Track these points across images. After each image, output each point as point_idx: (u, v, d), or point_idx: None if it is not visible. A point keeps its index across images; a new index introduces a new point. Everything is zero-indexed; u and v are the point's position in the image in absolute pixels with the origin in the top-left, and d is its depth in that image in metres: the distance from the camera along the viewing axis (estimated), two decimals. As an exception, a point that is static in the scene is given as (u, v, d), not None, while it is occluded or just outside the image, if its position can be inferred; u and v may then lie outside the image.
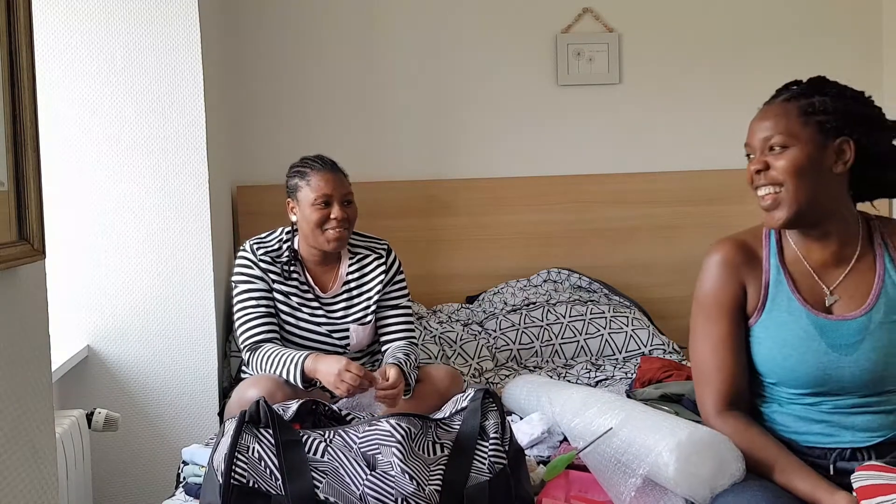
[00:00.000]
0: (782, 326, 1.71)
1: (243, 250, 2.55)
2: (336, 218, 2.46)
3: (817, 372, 1.67)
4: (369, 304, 2.56)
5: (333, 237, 2.48)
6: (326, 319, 2.53)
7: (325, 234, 2.48)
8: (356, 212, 2.54)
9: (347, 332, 2.54)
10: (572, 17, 3.57)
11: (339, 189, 2.48)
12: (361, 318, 2.56)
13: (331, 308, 2.55)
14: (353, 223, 2.53)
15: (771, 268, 1.77)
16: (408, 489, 1.55)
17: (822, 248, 1.74)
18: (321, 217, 2.46)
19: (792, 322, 1.70)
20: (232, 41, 3.43)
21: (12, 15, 1.26)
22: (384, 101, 3.53)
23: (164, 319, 2.76)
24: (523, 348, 3.13)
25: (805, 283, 1.73)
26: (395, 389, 2.29)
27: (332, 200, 2.47)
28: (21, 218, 1.30)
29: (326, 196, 2.46)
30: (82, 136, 2.69)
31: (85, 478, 2.45)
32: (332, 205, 2.47)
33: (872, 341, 1.66)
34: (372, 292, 2.57)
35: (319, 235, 2.48)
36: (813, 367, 1.67)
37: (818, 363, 1.67)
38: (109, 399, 2.72)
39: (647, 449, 1.66)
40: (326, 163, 2.53)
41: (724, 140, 3.65)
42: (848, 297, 1.71)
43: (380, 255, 2.62)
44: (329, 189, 2.46)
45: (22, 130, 1.28)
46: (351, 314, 2.56)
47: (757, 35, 3.63)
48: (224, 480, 1.56)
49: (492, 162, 3.57)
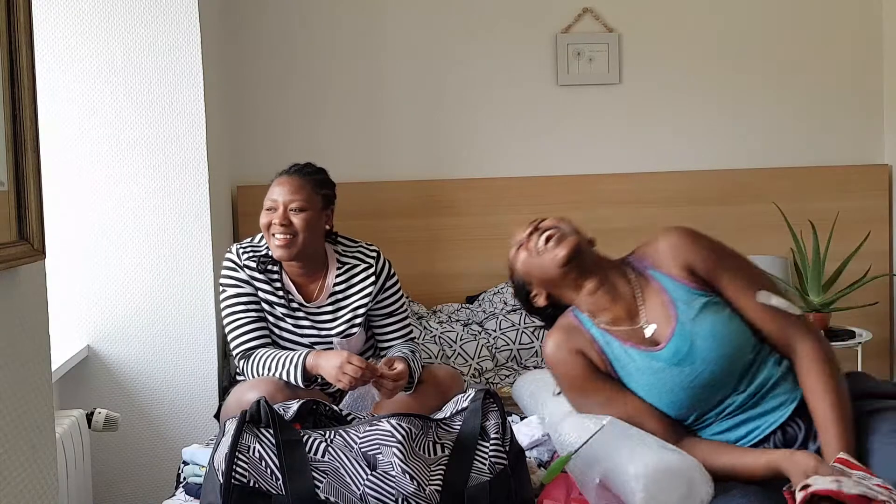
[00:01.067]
0: (637, 375, 1.84)
1: (229, 253, 2.48)
2: (275, 223, 2.36)
3: (689, 391, 1.79)
4: (355, 316, 2.47)
5: (276, 244, 2.38)
6: (314, 330, 2.45)
7: (272, 238, 2.39)
8: (309, 223, 2.38)
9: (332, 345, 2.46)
10: (572, 17, 3.57)
11: (285, 195, 2.37)
12: (346, 331, 2.47)
13: (317, 319, 2.47)
14: (301, 233, 2.37)
15: (595, 336, 1.90)
16: (408, 489, 1.55)
17: (611, 299, 1.89)
18: (266, 221, 2.39)
19: (641, 368, 1.83)
20: (232, 41, 3.42)
21: (12, 15, 1.26)
22: (384, 101, 3.53)
23: (164, 319, 2.75)
24: (523, 348, 3.13)
25: (624, 331, 1.87)
26: (398, 381, 2.27)
27: (277, 206, 2.37)
28: (21, 218, 1.30)
29: (272, 201, 2.38)
30: (82, 136, 2.69)
31: (85, 478, 2.45)
32: (276, 210, 2.38)
33: (699, 337, 1.79)
34: (357, 304, 2.48)
35: (270, 242, 2.41)
36: (682, 390, 1.79)
37: (683, 385, 1.79)
38: (109, 399, 2.72)
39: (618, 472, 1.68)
40: (289, 170, 2.44)
41: (724, 140, 3.66)
42: (658, 319, 1.85)
43: (369, 264, 2.51)
44: (275, 195, 2.39)
45: (22, 130, 1.28)
46: (337, 325, 2.47)
47: (757, 35, 3.63)
48: (225, 480, 1.56)
49: (492, 162, 3.57)
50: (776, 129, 3.65)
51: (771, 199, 3.48)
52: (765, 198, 3.52)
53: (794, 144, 3.66)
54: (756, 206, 3.55)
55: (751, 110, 3.65)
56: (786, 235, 3.28)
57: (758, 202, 3.54)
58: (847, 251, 3.26)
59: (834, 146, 3.67)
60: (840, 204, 3.51)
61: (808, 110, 3.66)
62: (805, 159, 3.65)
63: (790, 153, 3.66)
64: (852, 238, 3.32)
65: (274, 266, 2.45)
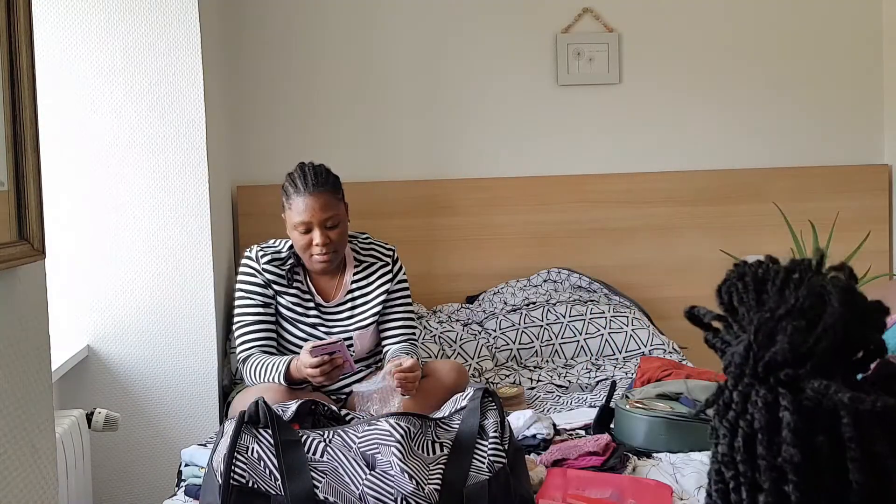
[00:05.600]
0: None
1: (248, 256, 2.53)
2: (318, 244, 2.40)
3: None
4: (372, 314, 2.54)
5: (318, 261, 2.43)
6: (325, 329, 2.51)
7: (311, 258, 2.44)
8: (343, 232, 2.45)
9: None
10: (572, 17, 3.57)
11: (318, 214, 2.39)
12: (361, 328, 2.54)
13: (330, 318, 2.53)
14: (339, 244, 2.45)
15: None
16: (407, 488, 1.55)
17: None
18: (305, 242, 2.42)
19: None
20: (232, 41, 3.43)
21: (12, 15, 1.26)
22: (384, 101, 3.53)
23: (164, 319, 2.75)
24: (523, 348, 3.13)
25: None
26: (414, 373, 2.27)
27: (313, 227, 2.40)
28: (21, 218, 1.30)
29: (306, 224, 2.40)
30: (82, 136, 2.69)
31: (85, 478, 2.45)
32: (312, 230, 2.40)
33: None
34: (375, 301, 2.55)
35: (307, 258, 2.46)
36: None
37: None
38: (109, 399, 2.72)
39: None
40: (309, 183, 2.42)
41: (724, 140, 3.66)
42: None
43: (385, 262, 2.59)
44: (307, 216, 2.39)
45: (22, 130, 1.28)
46: (353, 323, 2.54)
47: (757, 35, 3.63)
48: (223, 481, 1.56)
49: (492, 162, 3.57)
50: (776, 129, 3.65)
51: (771, 199, 3.48)
52: (765, 198, 3.52)
53: (794, 144, 3.66)
54: (756, 206, 3.55)
55: (751, 110, 3.65)
56: (786, 235, 3.28)
57: (758, 202, 3.54)
58: (847, 251, 3.26)
59: (834, 146, 3.67)
60: (840, 204, 3.51)
61: (808, 110, 3.66)
62: (805, 159, 3.65)
63: (790, 153, 3.66)
64: (852, 238, 3.32)
65: (297, 267, 2.51)
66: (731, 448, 0.74)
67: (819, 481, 0.69)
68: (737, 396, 0.74)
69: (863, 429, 0.69)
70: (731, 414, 0.74)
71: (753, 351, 0.73)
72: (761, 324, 0.73)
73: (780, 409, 0.70)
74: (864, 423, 0.69)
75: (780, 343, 0.71)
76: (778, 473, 0.70)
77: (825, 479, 0.69)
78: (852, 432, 0.69)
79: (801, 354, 0.71)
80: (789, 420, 0.70)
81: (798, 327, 0.71)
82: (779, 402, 0.71)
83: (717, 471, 0.76)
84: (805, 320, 0.71)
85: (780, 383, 0.71)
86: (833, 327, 0.70)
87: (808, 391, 0.70)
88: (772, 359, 0.71)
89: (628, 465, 2.00)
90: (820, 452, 0.70)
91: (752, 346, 0.73)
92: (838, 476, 0.69)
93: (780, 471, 0.70)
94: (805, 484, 0.69)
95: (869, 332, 0.73)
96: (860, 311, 0.72)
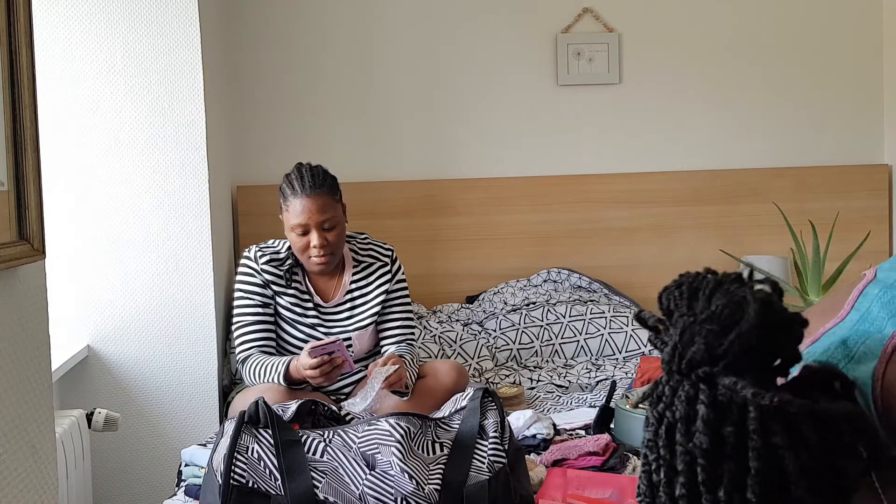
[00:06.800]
0: None
1: (247, 257, 2.53)
2: (315, 246, 2.41)
3: None
4: (372, 314, 2.55)
5: (316, 263, 2.44)
6: (324, 329, 2.52)
7: (309, 259, 2.45)
8: (341, 234, 2.46)
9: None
10: (572, 17, 3.57)
11: (315, 216, 2.39)
12: (360, 328, 2.54)
13: (329, 319, 2.53)
14: (337, 245, 2.45)
15: None
16: (407, 488, 1.55)
17: None
18: (302, 244, 2.43)
19: None
20: (232, 41, 3.43)
21: (12, 15, 1.26)
22: (384, 101, 3.53)
23: (164, 319, 2.75)
24: (523, 348, 3.13)
25: None
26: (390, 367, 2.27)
27: (310, 228, 2.40)
28: (21, 218, 1.30)
29: (303, 226, 2.40)
30: (82, 135, 2.69)
31: (85, 478, 2.45)
32: (310, 232, 2.41)
33: None
34: (374, 302, 2.55)
35: (305, 260, 2.46)
36: None
37: None
38: (109, 399, 2.72)
39: None
40: (306, 185, 2.41)
41: (724, 140, 3.66)
42: None
43: (384, 262, 2.59)
44: (304, 218, 2.39)
45: (22, 130, 1.28)
46: (352, 324, 2.54)
47: (757, 35, 3.63)
48: (223, 481, 1.56)
49: (492, 162, 3.57)
50: (776, 129, 3.65)
51: (771, 199, 3.48)
52: (765, 198, 3.52)
53: (794, 144, 3.66)
54: (756, 206, 3.55)
55: (751, 110, 3.65)
56: (786, 235, 3.28)
57: (758, 202, 3.54)
58: (847, 251, 3.25)
59: (834, 146, 3.67)
60: (840, 204, 3.51)
61: (808, 110, 3.66)
62: (805, 159, 3.65)
63: (790, 153, 3.66)
64: (852, 238, 3.32)
65: (296, 268, 2.51)
66: (656, 435, 0.84)
67: (724, 466, 0.79)
68: (667, 390, 0.84)
69: (764, 422, 0.79)
70: (661, 405, 0.84)
71: (678, 350, 0.83)
72: (685, 327, 0.83)
73: (697, 403, 0.81)
74: (765, 417, 0.79)
75: (697, 344, 0.81)
76: (691, 458, 0.80)
77: (730, 465, 0.79)
78: (756, 425, 0.78)
79: (716, 355, 0.81)
80: (704, 412, 0.80)
81: (713, 331, 0.81)
82: (698, 396, 0.81)
83: (644, 455, 0.86)
84: (721, 326, 0.81)
85: (699, 379, 0.81)
86: (746, 333, 0.79)
87: (720, 387, 0.80)
88: (692, 357, 0.81)
89: (628, 465, 2.00)
90: (727, 441, 0.79)
91: (677, 346, 0.83)
92: (740, 462, 0.79)
93: (692, 455, 0.80)
94: (712, 468, 0.79)
95: (784, 341, 0.82)
96: (777, 322, 0.81)
